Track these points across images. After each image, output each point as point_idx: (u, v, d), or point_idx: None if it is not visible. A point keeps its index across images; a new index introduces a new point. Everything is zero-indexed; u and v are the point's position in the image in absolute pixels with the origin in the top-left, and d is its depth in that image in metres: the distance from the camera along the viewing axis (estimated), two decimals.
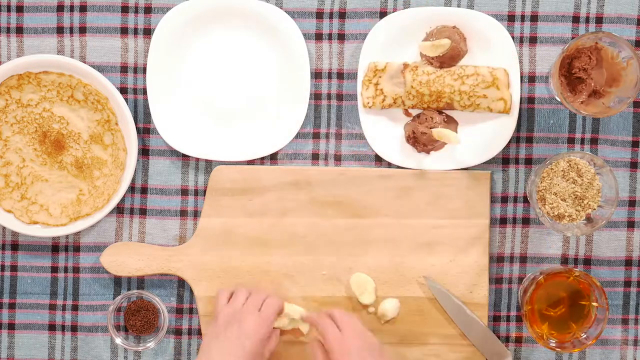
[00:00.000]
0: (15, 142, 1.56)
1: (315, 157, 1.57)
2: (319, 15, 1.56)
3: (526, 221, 1.57)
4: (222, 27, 1.56)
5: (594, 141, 1.57)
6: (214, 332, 1.47)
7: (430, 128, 1.53)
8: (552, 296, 1.52)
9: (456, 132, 1.54)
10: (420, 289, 1.56)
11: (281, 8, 1.55)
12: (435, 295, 1.54)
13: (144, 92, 1.57)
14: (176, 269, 1.56)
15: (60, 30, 1.57)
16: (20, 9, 1.57)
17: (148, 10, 1.57)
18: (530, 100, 1.57)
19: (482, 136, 1.55)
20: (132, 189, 1.58)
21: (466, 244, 1.56)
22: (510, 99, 1.53)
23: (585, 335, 1.50)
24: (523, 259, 1.58)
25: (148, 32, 1.57)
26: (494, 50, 1.54)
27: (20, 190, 1.56)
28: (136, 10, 1.57)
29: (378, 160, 1.57)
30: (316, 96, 1.57)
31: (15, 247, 1.59)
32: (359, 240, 1.56)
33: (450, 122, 1.55)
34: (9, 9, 1.57)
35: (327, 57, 1.57)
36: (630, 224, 1.58)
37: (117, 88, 1.55)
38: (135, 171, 1.57)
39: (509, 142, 1.56)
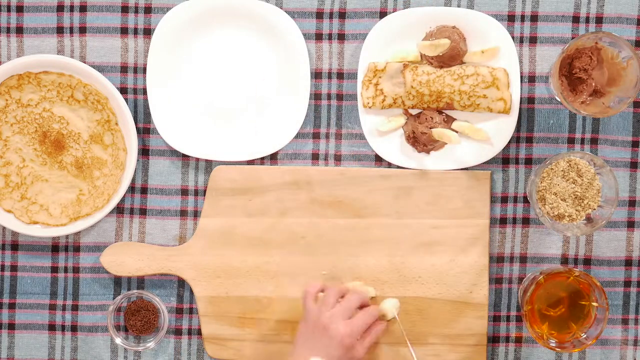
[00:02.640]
0: (15, 142, 1.56)
1: (315, 157, 1.57)
2: (319, 15, 1.56)
3: (526, 221, 1.57)
4: (222, 27, 1.56)
5: (594, 141, 1.57)
6: (304, 333, 1.47)
7: (430, 128, 1.54)
8: (552, 296, 1.52)
9: (456, 132, 1.54)
10: (420, 289, 1.56)
11: (281, 8, 1.55)
12: None
13: (144, 92, 1.57)
14: (176, 269, 1.56)
15: (60, 30, 1.57)
16: (20, 9, 1.57)
17: (148, 10, 1.57)
18: (530, 100, 1.57)
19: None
20: (132, 189, 1.58)
21: (466, 244, 1.56)
22: (510, 99, 1.53)
23: (585, 335, 1.50)
24: (523, 259, 1.58)
25: (148, 32, 1.57)
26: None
27: (20, 190, 1.56)
28: (136, 10, 1.57)
29: (378, 160, 1.57)
30: (316, 96, 1.57)
31: (15, 247, 1.59)
32: (359, 240, 1.56)
33: (450, 122, 1.55)
34: (9, 9, 1.57)
35: (327, 57, 1.57)
36: (630, 224, 1.58)
37: (117, 88, 1.55)
38: (135, 171, 1.57)
39: (509, 142, 1.56)
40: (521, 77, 1.56)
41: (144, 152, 1.58)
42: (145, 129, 1.58)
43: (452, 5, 1.56)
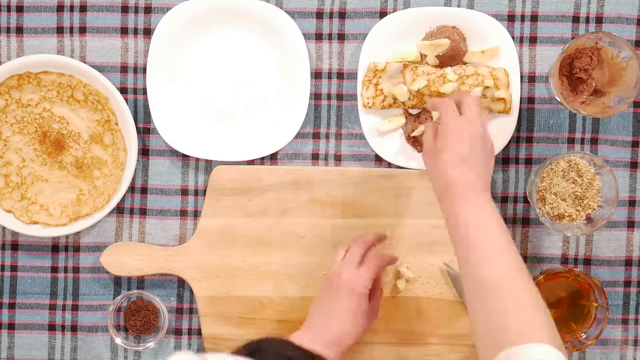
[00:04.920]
0: (15, 142, 1.56)
1: (315, 157, 1.57)
2: (319, 15, 1.56)
3: (526, 221, 1.57)
4: (222, 27, 1.56)
5: (594, 141, 1.57)
6: (323, 286, 1.46)
7: None
8: (552, 296, 1.52)
9: None
10: (420, 289, 1.56)
11: (281, 8, 1.55)
12: (453, 283, 1.54)
13: (144, 92, 1.57)
14: (176, 269, 1.56)
15: (60, 30, 1.57)
16: (20, 9, 1.57)
17: (148, 10, 1.57)
18: (530, 100, 1.57)
19: None
20: (132, 189, 1.58)
21: None
22: (510, 99, 1.53)
23: (585, 335, 1.50)
24: (523, 259, 1.57)
25: (148, 32, 1.57)
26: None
27: (20, 190, 1.56)
28: (136, 10, 1.57)
29: (378, 160, 1.57)
30: (316, 96, 1.57)
31: (15, 247, 1.59)
32: None
33: None
34: (9, 9, 1.57)
35: (327, 57, 1.57)
36: (630, 224, 1.58)
37: (117, 88, 1.55)
38: (135, 171, 1.57)
39: (509, 142, 1.56)
40: (521, 77, 1.56)
41: (144, 152, 1.58)
42: (145, 129, 1.58)
43: (452, 5, 1.56)
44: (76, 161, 1.56)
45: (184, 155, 1.58)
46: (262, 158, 1.57)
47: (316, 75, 1.57)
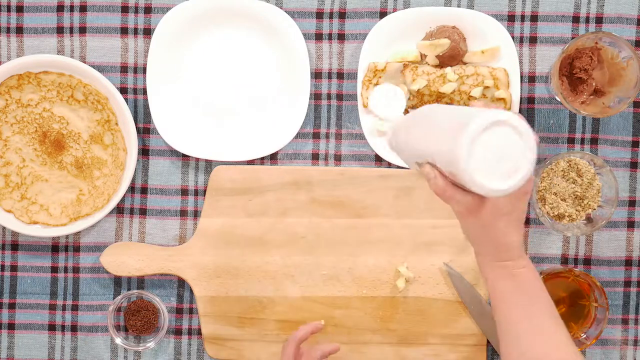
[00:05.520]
0: (15, 142, 1.56)
1: (315, 157, 1.57)
2: (319, 15, 1.56)
3: (526, 221, 1.57)
4: (222, 27, 1.56)
5: (594, 141, 1.57)
6: None
7: None
8: (552, 296, 1.51)
9: None
10: (420, 289, 1.56)
11: (281, 8, 1.55)
12: (453, 283, 1.54)
13: (144, 92, 1.57)
14: (176, 269, 1.56)
15: (60, 30, 1.57)
16: (20, 9, 1.57)
17: (148, 10, 1.57)
18: (530, 100, 1.57)
19: None
20: (132, 189, 1.58)
21: (466, 244, 1.55)
22: (510, 99, 1.53)
23: (585, 335, 1.50)
24: None
25: (148, 32, 1.57)
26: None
27: (20, 190, 1.56)
28: (136, 10, 1.57)
29: (378, 160, 1.57)
30: (316, 96, 1.57)
31: (15, 247, 1.59)
32: (359, 240, 1.56)
33: None
34: (9, 9, 1.57)
35: (327, 57, 1.57)
36: (630, 224, 1.58)
37: (117, 88, 1.55)
38: (135, 171, 1.57)
39: None
40: (521, 77, 1.56)
41: (144, 152, 1.58)
42: (145, 129, 1.58)
43: (452, 5, 1.56)
44: (76, 161, 1.56)
45: (184, 155, 1.58)
46: (262, 158, 1.57)
47: (316, 75, 1.57)
